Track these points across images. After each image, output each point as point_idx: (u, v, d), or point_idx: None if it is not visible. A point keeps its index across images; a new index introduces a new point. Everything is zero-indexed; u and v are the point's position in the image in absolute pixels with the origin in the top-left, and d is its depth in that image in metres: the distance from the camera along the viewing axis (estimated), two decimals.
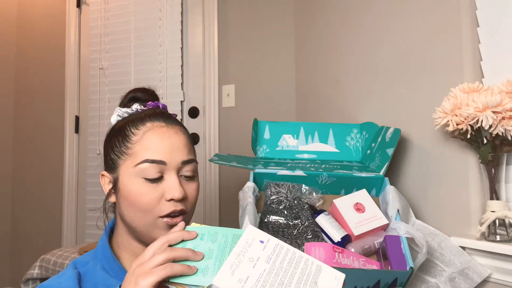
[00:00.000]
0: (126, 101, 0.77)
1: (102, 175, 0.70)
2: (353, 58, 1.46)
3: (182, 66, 2.10)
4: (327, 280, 0.54)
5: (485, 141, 0.91)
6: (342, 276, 0.57)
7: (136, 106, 0.73)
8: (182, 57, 2.10)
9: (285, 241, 0.99)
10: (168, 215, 0.64)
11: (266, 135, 1.31)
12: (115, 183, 0.67)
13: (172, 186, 0.64)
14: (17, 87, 2.59)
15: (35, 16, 2.55)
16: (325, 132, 1.31)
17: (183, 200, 0.65)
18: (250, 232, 0.56)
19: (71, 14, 2.38)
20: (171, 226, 0.64)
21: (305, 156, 1.28)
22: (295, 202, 1.06)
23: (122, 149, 0.67)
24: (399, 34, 1.23)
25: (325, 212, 1.05)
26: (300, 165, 1.17)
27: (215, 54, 2.03)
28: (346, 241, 1.00)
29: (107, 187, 0.70)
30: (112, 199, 0.69)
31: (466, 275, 0.94)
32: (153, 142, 0.65)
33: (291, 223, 1.02)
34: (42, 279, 1.67)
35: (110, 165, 0.69)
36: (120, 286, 0.61)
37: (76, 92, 2.35)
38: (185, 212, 0.66)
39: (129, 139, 0.66)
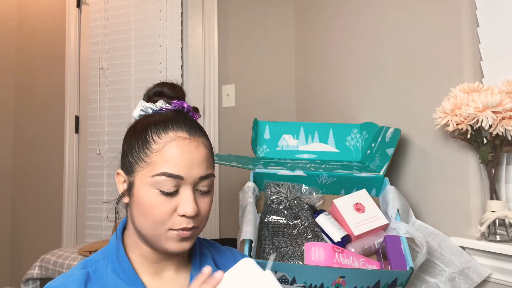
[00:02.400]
0: (151, 94, 0.74)
1: (118, 173, 0.70)
2: (353, 58, 1.46)
3: (182, 66, 2.10)
4: None
5: (485, 141, 0.91)
6: None
7: (160, 104, 0.71)
8: (182, 57, 2.10)
9: (285, 241, 0.99)
10: (179, 230, 0.64)
11: (266, 135, 1.31)
12: (130, 187, 0.67)
13: (186, 202, 0.63)
14: (17, 87, 2.59)
15: (35, 16, 2.55)
16: (325, 132, 1.31)
17: (195, 216, 0.64)
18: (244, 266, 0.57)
19: (71, 14, 2.38)
20: (182, 238, 0.64)
21: (305, 156, 1.28)
22: (295, 202, 1.06)
23: (141, 155, 0.65)
24: (399, 34, 1.23)
25: (325, 212, 1.05)
26: (300, 165, 1.17)
27: (215, 54, 2.03)
28: (346, 241, 1.00)
29: (121, 186, 0.69)
30: (126, 200, 0.68)
31: (466, 275, 0.94)
32: (174, 156, 0.63)
33: (291, 223, 1.02)
34: (42, 279, 1.67)
35: (127, 167, 0.67)
36: None
37: (76, 92, 2.35)
38: (196, 228, 0.66)
39: (150, 147, 0.65)
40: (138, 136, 0.67)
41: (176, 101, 0.72)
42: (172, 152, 0.63)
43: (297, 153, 1.29)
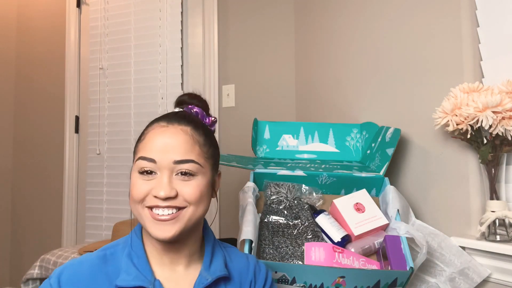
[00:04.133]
0: (175, 105, 0.82)
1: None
2: (353, 58, 1.46)
3: (182, 66, 2.10)
4: None
5: (485, 141, 0.91)
6: None
7: (177, 110, 0.78)
8: (182, 57, 2.10)
9: (285, 241, 0.99)
10: (153, 207, 0.67)
11: (266, 135, 1.31)
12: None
13: (159, 183, 0.67)
14: (17, 87, 2.59)
15: (35, 16, 2.55)
16: (325, 132, 1.31)
17: (172, 198, 0.67)
18: None
19: (71, 14, 2.38)
20: (159, 221, 0.67)
21: (305, 156, 1.28)
22: (295, 202, 1.06)
23: (135, 149, 0.72)
24: (399, 34, 1.23)
25: (325, 212, 1.05)
26: (300, 165, 1.17)
27: (215, 54, 2.03)
28: (346, 241, 1.00)
29: None
30: None
31: (466, 275, 0.94)
32: (150, 141, 0.69)
33: (291, 223, 1.02)
34: (42, 279, 1.67)
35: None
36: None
37: (76, 92, 2.35)
38: (179, 208, 0.67)
39: (139, 140, 0.72)
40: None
41: (189, 106, 0.79)
42: (149, 138, 0.69)
43: (297, 153, 1.29)
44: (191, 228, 0.69)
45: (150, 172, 0.67)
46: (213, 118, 0.81)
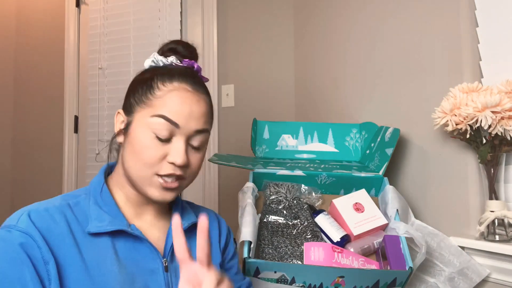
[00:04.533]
0: (165, 49, 0.77)
1: (118, 112, 0.72)
2: (352, 58, 1.46)
3: None
4: None
5: (484, 141, 0.91)
6: None
7: (172, 59, 0.73)
8: None
9: (284, 241, 0.99)
10: (165, 176, 0.66)
11: (266, 135, 1.31)
12: (127, 126, 0.69)
13: (177, 151, 0.65)
14: (16, 87, 2.59)
15: (34, 15, 2.54)
16: (324, 132, 1.31)
17: (184, 167, 0.67)
18: None
19: (70, 14, 2.37)
20: (166, 188, 0.66)
21: (305, 156, 1.28)
22: (295, 202, 1.06)
23: (142, 97, 0.68)
24: (398, 34, 1.23)
25: (324, 212, 1.05)
26: (299, 165, 1.18)
27: (214, 54, 2.03)
28: (345, 241, 1.00)
29: (118, 126, 0.71)
30: (120, 139, 0.70)
31: (465, 275, 0.94)
32: (174, 103, 0.66)
33: (290, 223, 1.02)
34: None
35: (128, 108, 0.70)
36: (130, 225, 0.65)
37: (75, 92, 2.35)
38: (183, 178, 0.68)
39: (153, 92, 0.67)
40: (144, 81, 0.70)
41: (187, 60, 0.75)
42: (174, 100, 0.66)
43: (297, 153, 1.29)
44: None
45: (168, 139, 0.65)
46: (206, 79, 0.79)
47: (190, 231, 0.74)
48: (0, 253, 0.57)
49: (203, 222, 0.54)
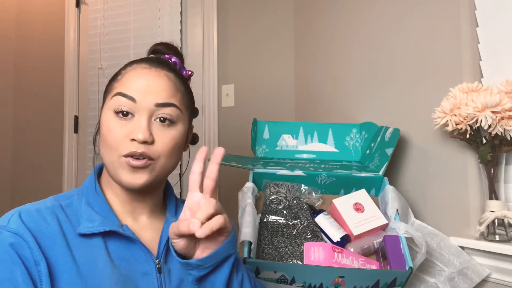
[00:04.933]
0: (150, 51, 0.79)
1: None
2: (352, 58, 1.46)
3: None
4: None
5: (484, 141, 0.91)
6: None
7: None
8: None
9: (284, 241, 0.99)
10: (128, 155, 0.63)
11: (266, 135, 1.31)
12: (99, 121, 0.69)
13: (137, 127, 0.63)
14: (16, 87, 2.59)
15: (34, 15, 2.55)
16: (324, 132, 1.31)
17: (149, 144, 0.64)
18: None
19: (70, 14, 2.37)
20: (134, 168, 0.64)
21: (305, 156, 1.28)
22: (295, 202, 1.06)
23: (109, 87, 0.69)
24: (398, 34, 1.23)
25: (324, 212, 1.05)
26: (299, 165, 1.18)
27: (214, 54, 2.03)
28: (345, 241, 1.00)
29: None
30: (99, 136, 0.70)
31: (465, 275, 0.94)
32: (130, 80, 0.66)
33: (290, 223, 1.02)
34: None
35: (102, 107, 0.70)
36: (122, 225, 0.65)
37: (75, 92, 2.35)
38: (150, 158, 0.65)
39: (115, 79, 0.69)
40: (112, 77, 0.71)
41: (166, 56, 0.75)
42: (130, 77, 0.67)
43: (297, 153, 1.29)
44: (160, 179, 0.69)
45: (126, 114, 0.64)
46: (189, 72, 0.77)
47: None
48: None
49: (219, 150, 0.58)
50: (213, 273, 0.59)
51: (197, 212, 0.56)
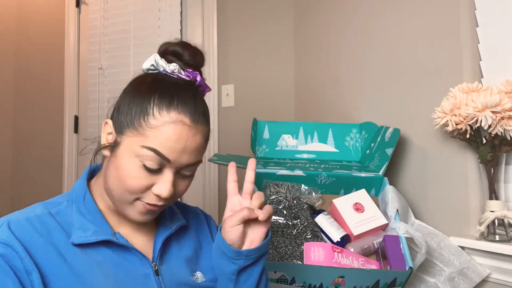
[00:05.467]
0: (168, 50, 0.69)
1: (106, 123, 0.67)
2: (352, 58, 1.46)
3: None
4: None
5: (484, 141, 0.91)
6: None
7: (174, 67, 0.67)
8: None
9: (284, 241, 0.99)
10: (147, 204, 0.63)
11: (266, 135, 1.31)
12: (114, 145, 0.64)
13: (164, 184, 0.62)
14: (16, 87, 2.59)
15: (34, 15, 2.55)
16: (324, 132, 1.31)
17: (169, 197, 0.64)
18: None
19: (70, 14, 2.37)
20: (147, 212, 0.64)
21: (305, 156, 1.28)
22: (295, 202, 1.06)
23: (135, 122, 0.62)
24: (398, 34, 1.23)
25: (324, 212, 1.05)
26: (299, 165, 1.18)
27: (214, 54, 2.03)
28: (345, 241, 1.00)
29: (105, 137, 0.66)
30: (106, 153, 0.66)
31: (465, 275, 0.94)
32: (168, 138, 0.60)
33: (290, 223, 1.02)
34: None
35: (117, 125, 0.64)
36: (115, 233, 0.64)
37: (75, 92, 2.35)
38: (165, 206, 0.66)
39: (147, 120, 0.61)
40: (139, 100, 0.63)
41: (191, 70, 0.69)
42: (169, 134, 0.60)
43: (297, 153, 1.29)
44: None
45: (155, 171, 0.61)
46: (208, 89, 0.74)
47: (179, 232, 0.74)
48: None
49: (252, 159, 0.71)
50: (254, 264, 0.66)
51: (252, 201, 0.67)
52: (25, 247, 0.57)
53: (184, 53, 0.69)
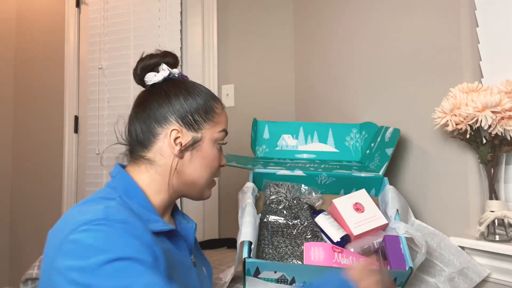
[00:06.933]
0: (160, 62, 0.83)
1: (175, 130, 0.75)
2: (352, 58, 1.46)
3: (181, 66, 2.10)
4: None
5: (484, 141, 0.91)
6: None
7: (176, 71, 0.83)
8: (181, 57, 2.09)
9: (284, 241, 0.99)
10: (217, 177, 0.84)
11: (266, 135, 1.31)
12: (194, 142, 0.77)
13: (223, 155, 0.84)
14: (16, 87, 2.59)
15: (34, 15, 2.55)
16: (324, 132, 1.31)
17: None
18: None
19: (70, 14, 2.37)
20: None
21: (305, 156, 1.28)
22: (295, 202, 1.06)
23: (209, 116, 0.80)
24: (398, 34, 1.23)
25: (324, 212, 1.05)
26: (299, 165, 1.18)
27: (214, 54, 2.03)
28: (345, 241, 1.00)
29: (172, 143, 0.75)
30: (187, 155, 0.77)
31: (465, 275, 0.94)
32: (226, 121, 0.85)
33: (290, 223, 1.02)
34: None
35: (191, 124, 0.78)
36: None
37: (75, 92, 2.35)
38: None
39: (214, 111, 0.81)
40: (199, 101, 0.80)
41: (179, 72, 0.85)
42: (225, 117, 0.86)
43: (297, 153, 1.29)
44: None
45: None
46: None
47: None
48: (121, 232, 0.59)
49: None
50: None
51: None
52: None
53: (168, 58, 0.84)
